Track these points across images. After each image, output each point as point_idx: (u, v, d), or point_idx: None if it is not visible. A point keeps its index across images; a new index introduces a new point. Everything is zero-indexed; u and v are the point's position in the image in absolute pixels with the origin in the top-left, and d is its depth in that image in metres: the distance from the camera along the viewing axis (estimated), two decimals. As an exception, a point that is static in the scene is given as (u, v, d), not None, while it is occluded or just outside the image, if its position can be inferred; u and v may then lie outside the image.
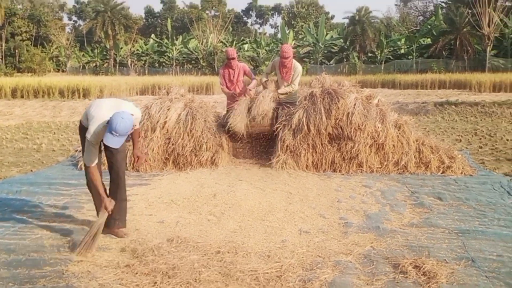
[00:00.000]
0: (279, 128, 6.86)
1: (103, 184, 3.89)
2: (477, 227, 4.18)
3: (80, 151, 7.38)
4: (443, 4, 49.77)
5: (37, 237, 3.99)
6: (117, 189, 4.03)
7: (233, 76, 7.50)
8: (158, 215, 4.64)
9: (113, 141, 3.50)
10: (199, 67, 43.46)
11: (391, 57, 43.08)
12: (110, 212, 3.81)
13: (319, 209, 4.83)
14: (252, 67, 38.55)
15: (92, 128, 3.60)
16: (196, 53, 45.74)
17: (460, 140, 9.09)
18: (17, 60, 47.97)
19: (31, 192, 5.45)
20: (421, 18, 61.02)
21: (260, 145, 7.39)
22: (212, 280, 3.16)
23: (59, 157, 7.76)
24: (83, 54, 53.64)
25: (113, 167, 4.03)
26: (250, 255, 3.62)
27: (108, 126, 3.49)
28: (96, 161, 3.79)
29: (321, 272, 3.28)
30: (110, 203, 3.79)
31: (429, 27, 41.24)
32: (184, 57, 48.46)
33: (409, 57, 41.33)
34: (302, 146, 6.62)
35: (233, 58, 7.41)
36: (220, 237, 4.04)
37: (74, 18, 76.05)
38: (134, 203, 5.02)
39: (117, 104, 3.80)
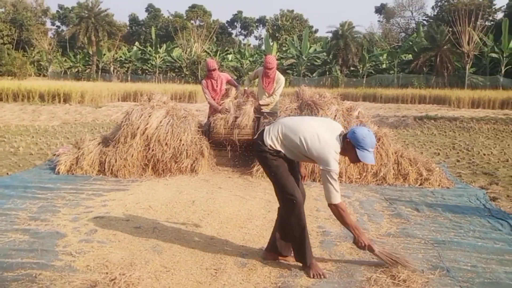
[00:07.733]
0: (260, 137, 6.85)
1: None
2: (452, 238, 4.23)
3: (58, 155, 7.29)
4: (424, 21, 50.98)
5: (10, 240, 3.91)
6: None
7: (216, 86, 7.55)
8: (135, 221, 4.58)
9: (372, 158, 3.25)
10: (182, 75, 43.37)
11: (373, 72, 43.71)
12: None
13: (297, 218, 4.83)
14: (236, 77, 38.65)
15: (331, 157, 3.20)
16: (180, 62, 45.70)
17: (438, 154, 9.22)
18: (-3, 63, 47.21)
19: (6, 195, 5.35)
20: (403, 34, 62.17)
21: (241, 154, 7.37)
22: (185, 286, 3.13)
23: (36, 161, 7.63)
24: (65, 60, 53.11)
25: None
26: (226, 262, 3.60)
27: (360, 144, 3.17)
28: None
29: (297, 280, 3.28)
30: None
31: (410, 43, 42.03)
32: (167, 65, 48.43)
33: (391, 72, 42.00)
34: (282, 156, 6.62)
35: (214, 69, 7.46)
36: (198, 243, 4.01)
37: (57, 23, 75.31)
38: (111, 208, 4.98)
39: (324, 121, 3.50)
